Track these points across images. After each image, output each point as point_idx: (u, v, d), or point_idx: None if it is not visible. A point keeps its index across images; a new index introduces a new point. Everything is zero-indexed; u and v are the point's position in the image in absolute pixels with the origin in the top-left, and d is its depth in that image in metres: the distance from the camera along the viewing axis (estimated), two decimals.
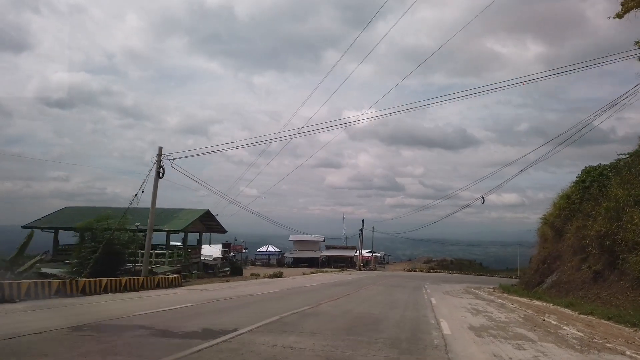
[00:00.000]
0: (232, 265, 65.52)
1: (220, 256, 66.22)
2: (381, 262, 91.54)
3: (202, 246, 70.77)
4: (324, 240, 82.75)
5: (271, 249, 78.47)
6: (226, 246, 67.32)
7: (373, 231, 76.57)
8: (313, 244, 79.87)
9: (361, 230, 74.88)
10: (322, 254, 78.23)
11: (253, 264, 75.41)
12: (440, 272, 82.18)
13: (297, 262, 76.36)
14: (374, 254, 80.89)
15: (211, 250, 68.00)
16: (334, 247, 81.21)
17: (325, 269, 62.86)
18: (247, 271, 61.98)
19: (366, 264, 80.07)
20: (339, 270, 59.68)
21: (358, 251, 75.40)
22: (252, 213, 35.21)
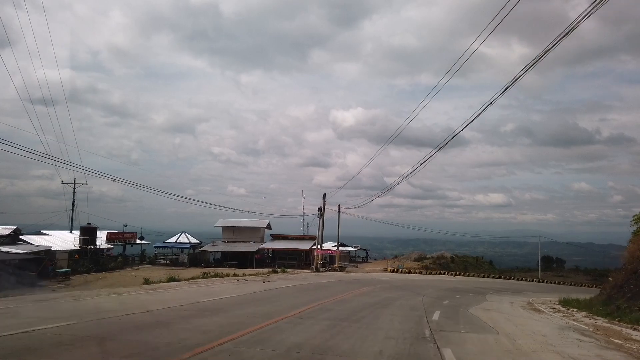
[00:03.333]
0: (97, 263, 39.11)
1: (77, 247, 39.66)
2: (355, 260, 65.68)
3: (50, 233, 44.31)
4: (268, 227, 56.48)
5: (184, 239, 52.06)
6: (88, 232, 40.66)
7: (339, 212, 50.63)
8: (250, 232, 53.65)
9: (321, 209, 48.98)
10: (263, 246, 52.04)
11: (152, 261, 48.94)
12: (438, 273, 56.94)
13: (226, 258, 50.24)
14: (340, 248, 55.02)
15: (65, 239, 41.42)
16: (285, 237, 55.13)
17: (250, 271, 37.05)
18: (113, 277, 36.02)
19: (330, 260, 54.23)
20: (266, 274, 33.52)
21: (318, 244, 49.35)
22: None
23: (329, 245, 55.87)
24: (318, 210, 49.32)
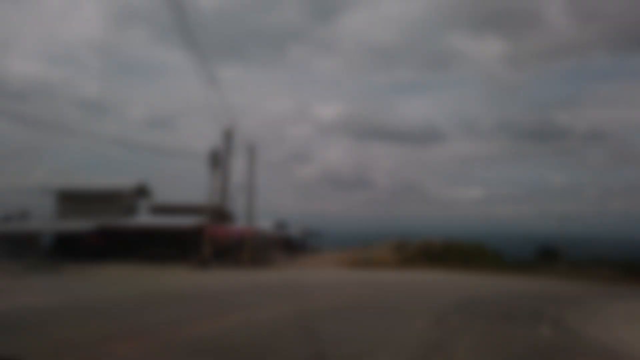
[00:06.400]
0: None
1: None
2: (303, 247, 43.86)
3: None
4: (142, 193, 33.90)
5: None
6: None
7: (252, 156, 28.33)
8: (105, 201, 31.11)
9: (214, 153, 26.90)
10: (115, 224, 29.44)
11: None
12: (428, 268, 35.59)
13: (62, 245, 27.94)
14: (255, 227, 33.19)
15: None
16: (171, 209, 32.74)
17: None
18: None
19: (237, 248, 32.34)
20: None
21: (216, 220, 27.12)
22: None
23: (266, 226, 33.77)
24: (212, 157, 27.09)
